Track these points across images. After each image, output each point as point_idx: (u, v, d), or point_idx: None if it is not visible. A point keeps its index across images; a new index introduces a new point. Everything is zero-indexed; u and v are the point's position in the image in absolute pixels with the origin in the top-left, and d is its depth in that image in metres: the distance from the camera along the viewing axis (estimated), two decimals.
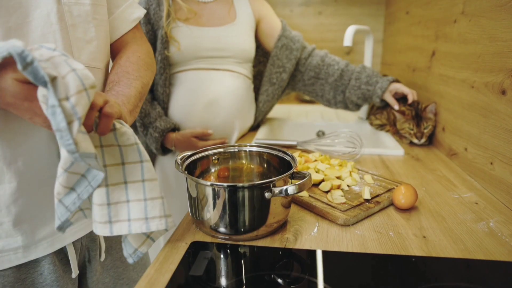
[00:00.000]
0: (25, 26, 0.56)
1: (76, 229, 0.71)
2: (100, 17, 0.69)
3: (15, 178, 0.59)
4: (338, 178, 0.87)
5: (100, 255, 0.78)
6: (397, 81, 1.31)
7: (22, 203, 0.61)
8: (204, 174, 0.77)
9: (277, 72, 1.34)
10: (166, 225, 0.58)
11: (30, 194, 0.61)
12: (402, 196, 0.75)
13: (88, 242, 0.76)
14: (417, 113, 1.20)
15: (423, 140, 1.20)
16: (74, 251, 0.71)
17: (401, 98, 1.30)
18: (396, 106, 1.25)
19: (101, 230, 0.56)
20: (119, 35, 0.77)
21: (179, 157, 0.71)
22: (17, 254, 0.62)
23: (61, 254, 0.69)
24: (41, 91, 0.46)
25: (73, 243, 0.71)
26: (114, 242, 0.82)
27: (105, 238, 0.79)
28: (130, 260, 0.60)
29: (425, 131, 1.19)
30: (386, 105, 1.35)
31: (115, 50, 0.79)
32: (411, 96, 1.25)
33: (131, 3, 0.78)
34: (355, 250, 0.61)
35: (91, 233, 0.75)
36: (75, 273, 0.71)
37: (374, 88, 1.29)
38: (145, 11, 0.82)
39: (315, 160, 0.97)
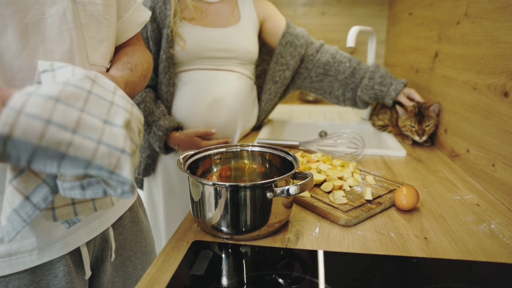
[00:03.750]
0: (42, 22, 0.57)
1: (90, 229, 0.70)
2: (111, 18, 0.69)
3: None
4: (340, 178, 0.87)
5: (110, 255, 0.77)
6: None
7: None
8: (206, 173, 0.78)
9: (280, 70, 1.34)
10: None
11: None
12: (403, 197, 0.75)
13: (101, 242, 0.75)
14: (419, 111, 1.20)
15: (424, 138, 1.20)
16: (87, 252, 0.70)
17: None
18: (410, 105, 1.25)
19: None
20: (127, 38, 0.78)
21: (182, 157, 0.71)
22: (32, 256, 0.62)
23: (74, 255, 0.69)
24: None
25: (86, 243, 0.70)
26: (124, 242, 0.81)
27: (115, 237, 0.79)
28: (66, 226, 0.56)
29: (427, 128, 1.19)
30: (391, 106, 1.35)
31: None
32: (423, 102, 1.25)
33: (137, 6, 0.79)
34: (356, 251, 0.62)
35: (103, 233, 0.75)
36: (88, 274, 0.71)
37: (388, 90, 1.28)
38: (150, 13, 0.83)
39: (317, 161, 0.98)
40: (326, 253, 0.61)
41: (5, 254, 0.59)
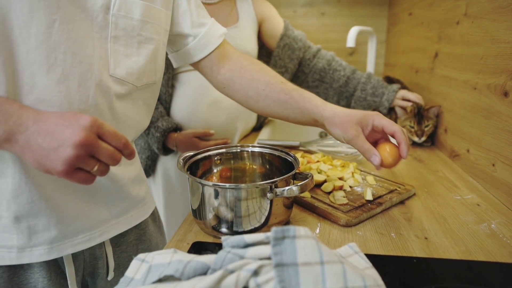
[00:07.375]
0: (70, 23, 0.58)
1: (78, 240, 0.66)
2: (147, 35, 0.68)
3: (19, 174, 0.58)
4: (340, 179, 0.87)
5: (107, 274, 0.74)
6: (402, 86, 1.31)
7: (23, 201, 0.59)
8: (206, 174, 0.78)
9: (279, 72, 1.34)
10: None
11: (34, 193, 0.60)
12: (388, 154, 0.69)
13: (92, 260, 0.72)
14: (419, 112, 1.20)
15: (423, 138, 1.20)
16: (73, 268, 0.67)
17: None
18: (409, 106, 1.25)
19: None
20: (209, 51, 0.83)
21: (181, 158, 0.71)
22: (10, 253, 0.61)
23: (57, 268, 0.66)
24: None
25: (74, 259, 0.68)
26: (127, 260, 0.77)
27: (117, 255, 0.76)
28: None
29: (426, 129, 1.19)
30: (390, 111, 1.35)
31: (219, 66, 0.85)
32: (419, 102, 1.25)
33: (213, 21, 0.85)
34: None
35: (95, 250, 0.72)
36: None
37: (380, 100, 1.29)
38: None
39: (318, 161, 0.98)
40: None
41: None
